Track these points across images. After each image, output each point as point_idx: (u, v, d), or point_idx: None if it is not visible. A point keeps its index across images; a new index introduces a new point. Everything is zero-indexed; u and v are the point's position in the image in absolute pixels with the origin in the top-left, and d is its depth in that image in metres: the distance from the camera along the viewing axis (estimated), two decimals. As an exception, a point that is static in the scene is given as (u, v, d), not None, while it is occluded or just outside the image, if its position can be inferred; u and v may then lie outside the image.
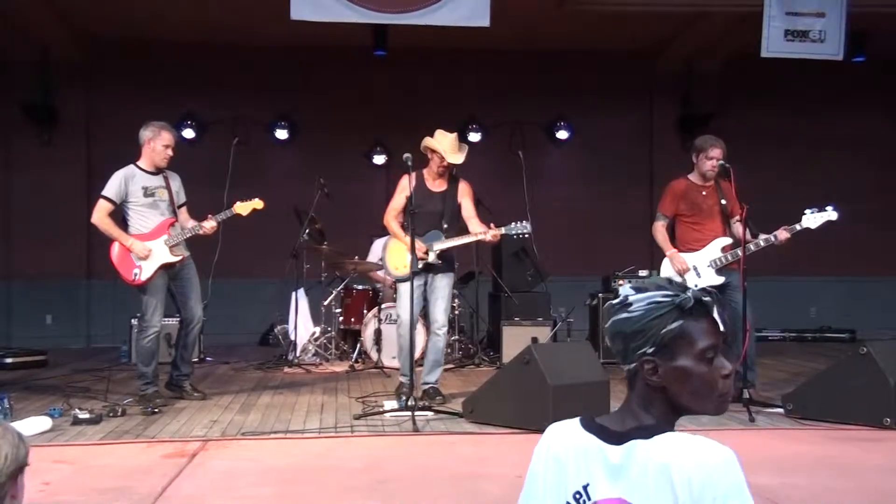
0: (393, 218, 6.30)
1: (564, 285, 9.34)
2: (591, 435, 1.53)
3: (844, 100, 11.22)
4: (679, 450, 1.42)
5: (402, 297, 6.21)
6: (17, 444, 1.54)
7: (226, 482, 4.22)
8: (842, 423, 5.27)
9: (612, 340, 1.58)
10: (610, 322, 1.58)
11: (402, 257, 6.15)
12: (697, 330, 1.50)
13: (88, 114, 10.67)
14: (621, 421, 1.54)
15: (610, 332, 1.58)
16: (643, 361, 1.52)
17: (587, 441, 1.53)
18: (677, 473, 1.39)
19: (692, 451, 1.41)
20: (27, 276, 10.51)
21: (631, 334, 1.53)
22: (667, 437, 1.46)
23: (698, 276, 6.14)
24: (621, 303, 1.56)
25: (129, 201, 6.17)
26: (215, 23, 9.80)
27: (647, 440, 1.47)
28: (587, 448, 1.52)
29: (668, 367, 1.51)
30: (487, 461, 4.59)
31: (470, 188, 6.35)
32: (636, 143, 11.32)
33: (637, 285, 1.58)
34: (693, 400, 1.52)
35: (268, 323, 10.01)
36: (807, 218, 5.95)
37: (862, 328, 10.42)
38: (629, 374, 1.57)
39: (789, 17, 7.63)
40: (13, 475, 1.53)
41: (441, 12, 7.22)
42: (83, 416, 5.45)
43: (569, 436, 1.56)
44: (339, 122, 10.69)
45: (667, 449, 1.43)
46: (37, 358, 8.54)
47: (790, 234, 5.94)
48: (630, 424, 1.52)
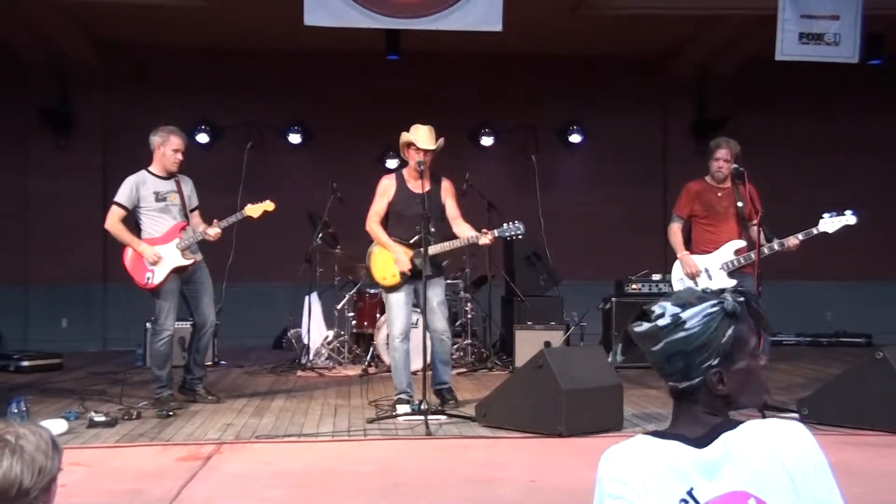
0: (377, 223, 6.05)
1: (577, 289, 9.31)
2: (673, 441, 1.52)
3: (861, 103, 11.14)
4: (777, 434, 1.49)
5: (392, 310, 5.98)
6: (51, 456, 1.52)
7: (240, 485, 4.24)
8: (857, 429, 5.23)
9: (668, 361, 1.55)
10: (663, 344, 1.55)
11: (389, 266, 5.96)
12: (746, 331, 1.56)
13: (104, 119, 10.74)
14: (691, 429, 1.54)
15: (666, 354, 1.55)
16: (711, 374, 1.54)
17: (670, 448, 1.51)
18: (786, 455, 1.46)
19: (788, 433, 1.49)
20: (44, 279, 10.58)
21: (693, 351, 1.53)
22: (753, 426, 1.51)
23: (710, 279, 6.12)
24: (674, 322, 1.54)
25: (140, 206, 6.22)
26: (230, 28, 9.85)
27: (734, 431, 1.50)
28: (674, 455, 1.50)
29: (731, 373, 1.55)
30: (500, 465, 4.59)
31: (452, 186, 6.14)
32: (650, 148, 11.28)
33: (677, 301, 1.57)
34: (750, 397, 1.59)
35: (281, 327, 10.03)
36: (824, 222, 5.89)
37: (878, 333, 10.33)
38: (689, 389, 1.55)
39: (804, 20, 7.58)
40: (46, 487, 1.52)
41: (453, 17, 7.22)
42: (98, 418, 5.48)
43: (643, 451, 1.53)
44: (351, 127, 10.72)
45: (761, 434, 1.49)
46: (53, 361, 8.60)
47: (801, 240, 5.89)
48: (708, 428, 1.52)
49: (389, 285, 6.01)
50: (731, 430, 1.50)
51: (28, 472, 1.48)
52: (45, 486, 1.51)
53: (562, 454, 4.78)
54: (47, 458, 1.51)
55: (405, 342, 5.96)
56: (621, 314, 8.25)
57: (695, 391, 1.55)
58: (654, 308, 1.57)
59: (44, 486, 1.51)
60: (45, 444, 1.52)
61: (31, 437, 1.52)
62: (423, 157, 5.84)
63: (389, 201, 6.03)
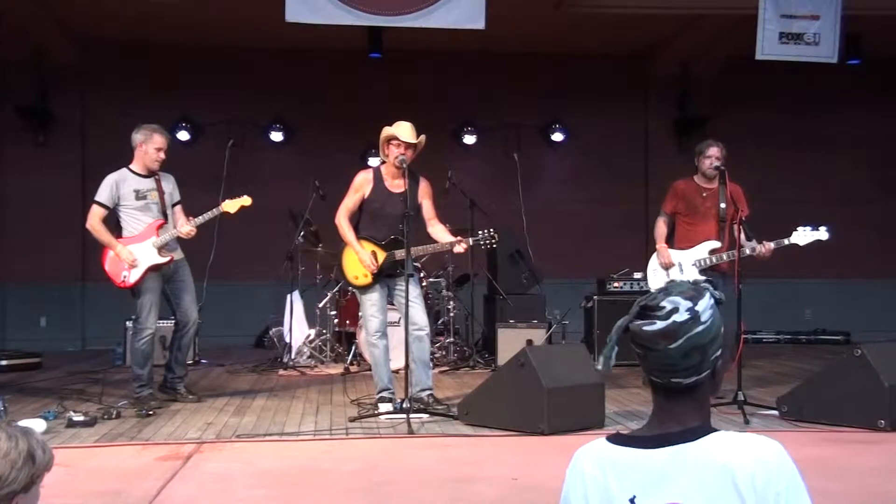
0: (346, 219, 5.91)
1: (559, 288, 9.34)
2: (624, 447, 1.51)
3: (841, 102, 11.24)
4: (736, 449, 1.42)
5: (366, 309, 5.92)
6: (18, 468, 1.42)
7: (220, 485, 4.21)
8: (836, 425, 5.28)
9: (686, 357, 1.50)
10: (683, 340, 1.49)
11: (359, 265, 5.89)
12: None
13: (83, 115, 10.64)
14: (657, 426, 1.52)
15: (684, 350, 1.50)
16: (718, 365, 1.54)
17: (622, 454, 1.50)
18: (740, 472, 1.39)
19: (750, 449, 1.42)
20: (22, 278, 10.47)
21: (709, 343, 1.51)
22: (717, 437, 1.46)
23: (681, 273, 6.34)
24: (692, 317, 1.50)
25: (121, 205, 6.20)
26: (211, 24, 9.79)
27: (694, 442, 1.46)
28: (624, 461, 1.50)
29: (723, 360, 1.55)
30: (482, 463, 4.59)
31: (430, 187, 6.06)
32: (632, 146, 11.32)
33: (683, 295, 1.52)
34: (720, 384, 1.60)
35: (263, 325, 10.00)
36: (797, 234, 6.06)
37: (857, 330, 10.43)
38: (696, 383, 1.51)
39: (784, 20, 7.65)
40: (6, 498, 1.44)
41: (436, 14, 7.21)
42: (78, 418, 5.44)
43: (601, 454, 1.53)
44: (334, 125, 10.69)
45: (723, 449, 1.43)
46: (31, 360, 8.52)
47: (774, 248, 6.04)
48: (671, 429, 1.49)
49: (361, 285, 5.96)
50: (691, 441, 1.46)
51: None
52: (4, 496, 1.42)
53: (544, 452, 4.79)
54: (14, 468, 1.42)
55: (382, 338, 5.93)
56: (603, 312, 8.28)
57: (699, 385, 1.52)
58: (662, 304, 1.52)
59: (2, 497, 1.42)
60: (16, 453, 1.43)
61: (3, 443, 1.44)
62: (404, 152, 5.80)
63: (364, 198, 5.95)
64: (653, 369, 1.53)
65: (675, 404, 1.52)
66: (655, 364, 1.52)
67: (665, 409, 1.53)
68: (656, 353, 1.51)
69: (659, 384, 1.53)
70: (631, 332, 1.54)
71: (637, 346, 1.53)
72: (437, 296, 8.68)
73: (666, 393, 1.53)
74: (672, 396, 1.53)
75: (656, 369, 1.52)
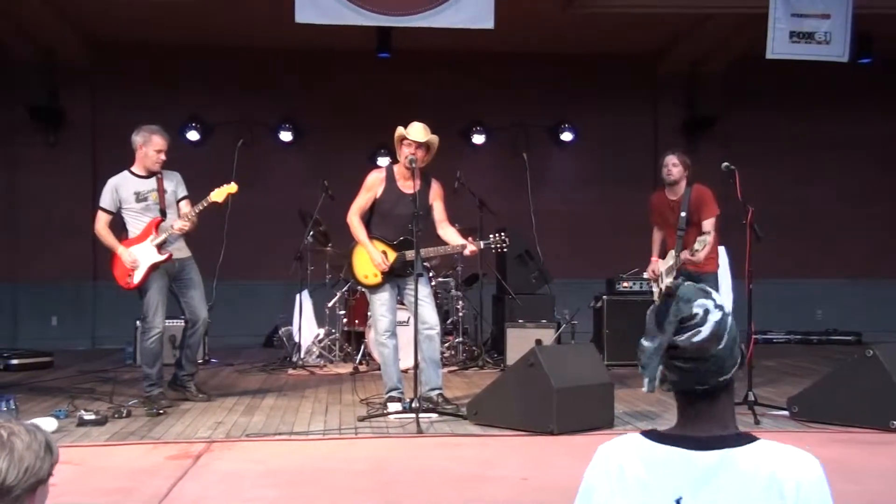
0: (357, 217, 5.91)
1: (568, 287, 9.32)
2: (671, 447, 1.48)
3: (851, 101, 11.17)
4: (785, 461, 1.44)
5: (376, 308, 5.93)
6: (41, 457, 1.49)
7: (230, 484, 4.23)
8: (847, 426, 5.25)
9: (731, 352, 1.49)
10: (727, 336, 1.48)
11: (371, 265, 5.89)
12: None
13: (94, 115, 10.68)
14: (698, 428, 1.49)
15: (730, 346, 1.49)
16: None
17: (668, 453, 1.48)
18: (788, 485, 1.41)
19: (798, 463, 1.44)
20: (33, 278, 10.52)
21: (737, 338, 1.53)
22: (765, 446, 1.46)
23: (662, 282, 6.50)
24: (722, 312, 1.50)
25: (123, 208, 6.24)
26: (220, 25, 9.81)
27: (743, 447, 1.45)
28: (671, 460, 1.47)
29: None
30: (492, 463, 4.59)
31: (442, 189, 6.06)
32: (640, 146, 11.28)
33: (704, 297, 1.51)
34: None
35: (272, 325, 10.01)
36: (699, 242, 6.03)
37: (868, 331, 10.37)
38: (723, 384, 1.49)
39: (795, 19, 7.61)
40: (32, 488, 1.49)
41: (445, 14, 7.21)
42: (88, 417, 5.46)
43: (643, 450, 1.50)
44: (343, 125, 10.69)
45: (772, 459, 1.44)
46: (42, 359, 8.56)
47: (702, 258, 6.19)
48: (716, 431, 1.48)
49: (371, 284, 5.96)
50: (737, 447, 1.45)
51: (14, 470, 1.46)
52: (31, 487, 1.48)
53: (553, 452, 4.78)
54: (37, 458, 1.48)
55: (392, 338, 5.93)
56: (612, 312, 8.26)
57: (724, 387, 1.50)
58: (695, 310, 1.49)
59: (29, 487, 1.47)
60: (37, 444, 1.49)
61: (24, 436, 1.49)
62: (414, 151, 5.78)
63: (376, 198, 5.95)
64: (701, 380, 1.48)
65: (714, 405, 1.49)
66: (708, 372, 1.47)
67: (704, 411, 1.50)
68: (707, 360, 1.47)
69: (700, 391, 1.49)
70: (680, 349, 1.47)
71: (684, 361, 1.47)
72: (447, 295, 8.68)
73: (709, 395, 1.49)
74: (715, 397, 1.49)
75: (707, 376, 1.48)
